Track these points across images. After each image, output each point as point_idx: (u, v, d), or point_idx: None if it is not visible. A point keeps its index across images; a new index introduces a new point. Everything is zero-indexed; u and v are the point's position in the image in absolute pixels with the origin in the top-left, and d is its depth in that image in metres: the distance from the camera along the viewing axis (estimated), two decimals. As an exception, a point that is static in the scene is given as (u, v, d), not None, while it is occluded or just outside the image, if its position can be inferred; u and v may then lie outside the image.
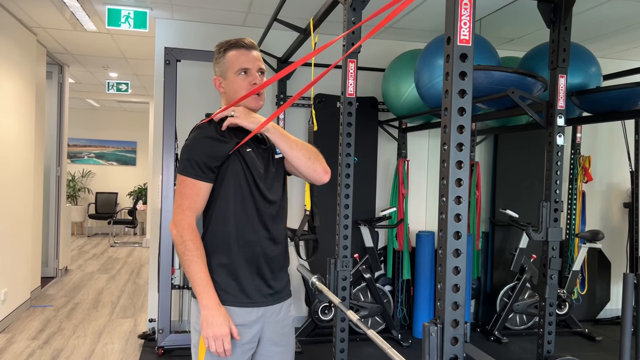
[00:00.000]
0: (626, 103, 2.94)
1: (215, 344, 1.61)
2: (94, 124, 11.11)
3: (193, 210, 1.66)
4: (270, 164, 1.80)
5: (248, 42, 1.79)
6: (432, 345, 1.14)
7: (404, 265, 4.52)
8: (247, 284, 1.71)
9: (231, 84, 1.77)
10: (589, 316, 4.90)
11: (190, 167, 1.66)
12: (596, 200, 5.12)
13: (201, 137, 1.69)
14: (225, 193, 1.70)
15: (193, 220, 1.66)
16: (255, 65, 1.77)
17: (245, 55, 1.76)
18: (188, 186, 1.66)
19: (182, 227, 1.64)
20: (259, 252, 1.72)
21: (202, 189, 1.67)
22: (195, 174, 1.66)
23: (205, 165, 1.66)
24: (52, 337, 4.26)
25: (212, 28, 4.42)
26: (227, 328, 1.61)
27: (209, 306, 1.62)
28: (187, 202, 1.66)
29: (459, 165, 1.17)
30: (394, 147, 4.76)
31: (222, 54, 1.79)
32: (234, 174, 1.69)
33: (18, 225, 4.73)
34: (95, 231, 10.97)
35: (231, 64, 1.76)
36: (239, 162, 1.70)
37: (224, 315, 1.62)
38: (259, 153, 1.78)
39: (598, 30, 4.18)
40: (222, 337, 1.60)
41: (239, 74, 1.75)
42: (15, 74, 4.58)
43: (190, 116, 4.29)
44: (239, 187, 1.70)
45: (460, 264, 1.16)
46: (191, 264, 1.62)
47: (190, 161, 1.66)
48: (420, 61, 3.42)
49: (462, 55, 1.16)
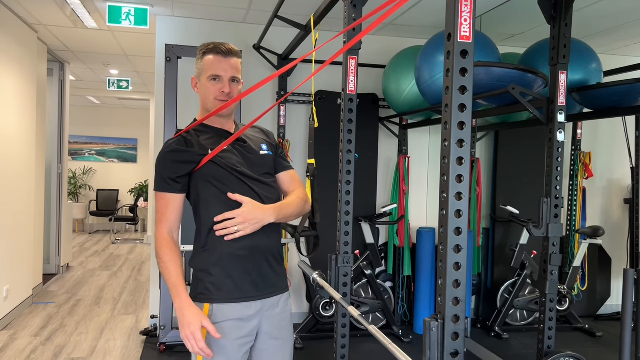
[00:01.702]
0: (627, 99, 2.94)
1: (189, 343, 1.62)
2: (95, 121, 11.11)
3: (163, 222, 1.74)
4: (253, 156, 1.83)
5: (226, 49, 1.78)
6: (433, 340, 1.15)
7: (404, 261, 4.53)
8: (242, 279, 1.73)
9: (203, 87, 1.81)
10: (590, 312, 4.91)
11: (158, 181, 1.75)
12: (597, 197, 5.12)
13: (164, 152, 1.77)
14: (206, 197, 1.75)
15: (165, 232, 1.73)
16: (228, 74, 1.78)
17: (220, 62, 1.77)
18: (159, 200, 1.76)
19: (156, 240, 1.74)
20: (250, 245, 1.73)
21: (170, 200, 1.74)
22: (161, 187, 1.74)
23: (169, 177, 1.73)
24: (54, 334, 4.27)
25: (213, 25, 4.42)
26: (195, 326, 1.61)
27: (180, 307, 1.65)
28: (158, 215, 1.75)
29: (459, 162, 1.17)
30: (394, 144, 4.76)
31: (201, 56, 1.82)
32: (208, 178, 1.74)
33: (19, 222, 4.74)
34: (96, 228, 10.98)
35: (205, 69, 1.79)
36: (211, 166, 1.75)
37: (193, 314, 1.63)
38: (236, 149, 1.81)
39: (599, 27, 4.17)
40: (192, 335, 1.60)
41: (210, 80, 1.78)
42: (16, 71, 4.59)
43: (191, 113, 4.29)
44: (217, 184, 1.74)
45: (461, 260, 1.16)
46: (164, 271, 1.69)
47: (157, 176, 1.76)
48: (420, 58, 3.42)
49: (463, 51, 1.17)
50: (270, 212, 1.74)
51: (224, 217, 1.70)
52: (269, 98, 4.50)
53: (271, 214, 1.74)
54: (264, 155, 1.86)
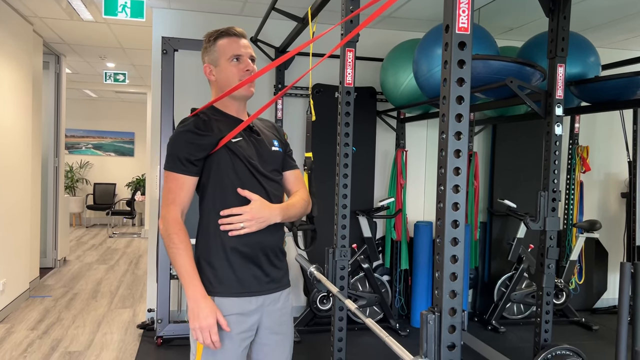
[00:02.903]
0: (625, 92, 2.93)
1: (202, 335, 1.61)
2: (92, 114, 11.07)
3: (177, 204, 1.67)
4: (265, 151, 1.81)
5: (238, 30, 1.80)
6: (429, 333, 1.14)
7: (402, 255, 4.53)
8: (245, 274, 1.71)
9: (223, 71, 1.78)
10: (586, 305, 4.92)
11: (172, 161, 1.69)
12: (594, 190, 5.12)
13: (182, 132, 1.71)
14: (215, 185, 1.71)
15: (178, 214, 1.67)
16: (247, 53, 1.79)
17: (236, 42, 1.78)
18: (171, 180, 1.69)
19: (166, 221, 1.66)
20: (254, 241, 1.72)
21: (185, 182, 1.68)
22: (176, 167, 1.68)
23: (186, 159, 1.67)
24: (51, 327, 4.27)
25: (209, 17, 4.39)
26: (212, 319, 1.61)
27: (194, 298, 1.62)
28: (171, 196, 1.68)
29: (457, 154, 1.16)
30: (392, 138, 4.75)
31: (213, 42, 1.80)
32: (223, 164, 1.71)
33: (16, 216, 4.73)
34: (93, 222, 10.96)
35: (223, 52, 1.77)
36: (226, 151, 1.71)
37: (209, 307, 1.62)
38: (251, 141, 1.79)
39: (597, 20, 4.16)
40: (208, 329, 1.60)
41: (231, 61, 1.76)
42: (11, 64, 4.56)
43: (188, 106, 4.24)
44: (230, 174, 1.71)
45: (458, 253, 1.16)
46: (176, 257, 1.63)
47: (172, 156, 1.69)
48: (418, 51, 3.40)
49: (461, 43, 1.16)
50: (277, 212, 1.73)
51: (231, 212, 1.68)
52: (266, 91, 4.48)
53: (278, 213, 1.73)
54: (275, 151, 1.85)
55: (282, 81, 4.41)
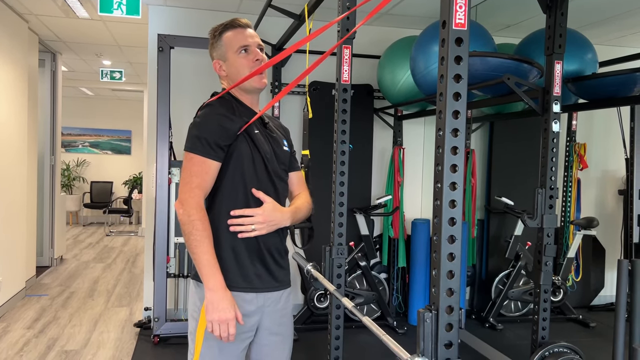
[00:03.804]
0: (622, 89, 2.93)
1: (220, 328, 1.57)
2: (88, 112, 11.03)
3: (202, 188, 1.61)
4: (278, 150, 1.79)
5: (243, 21, 1.78)
6: (426, 331, 1.13)
7: (399, 252, 4.53)
8: (249, 270, 1.69)
9: (233, 64, 1.74)
10: (583, 303, 4.93)
11: (200, 144, 1.61)
12: (591, 188, 5.13)
13: (213, 114, 1.65)
14: (232, 175, 1.67)
15: (201, 200, 1.60)
16: (255, 42, 1.76)
17: (242, 33, 1.75)
18: (197, 164, 1.61)
19: (189, 206, 1.58)
20: (261, 239, 1.70)
21: (211, 167, 1.62)
22: (205, 151, 1.61)
23: (216, 143, 1.61)
24: (48, 326, 4.25)
25: (205, 14, 4.37)
26: (233, 312, 1.58)
27: (215, 289, 1.58)
28: (196, 180, 1.60)
29: (454, 151, 1.15)
30: (389, 135, 4.74)
31: (219, 36, 1.77)
32: (243, 155, 1.67)
33: (12, 214, 4.71)
34: (90, 220, 10.94)
35: (230, 45, 1.74)
36: (247, 142, 1.68)
37: (229, 299, 1.59)
38: (266, 136, 1.77)
39: (594, 17, 4.15)
40: (227, 322, 1.57)
41: (240, 53, 1.73)
42: (7, 62, 4.53)
43: (184, 104, 4.25)
44: (248, 167, 1.68)
45: (455, 250, 1.15)
46: (198, 245, 1.56)
47: (200, 139, 1.61)
48: (415, 48, 3.39)
49: (458, 39, 1.14)
50: (288, 215, 1.72)
51: (243, 212, 1.64)
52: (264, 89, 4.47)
53: (288, 217, 1.72)
54: (285, 151, 1.83)
55: (279, 78, 4.39)
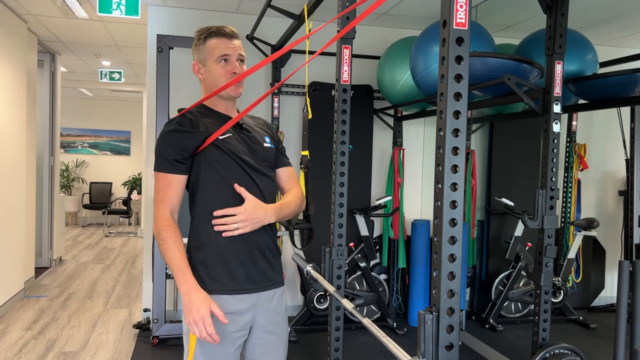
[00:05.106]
0: (622, 90, 2.92)
1: (197, 329, 1.58)
2: (88, 113, 11.02)
3: (165, 202, 1.68)
4: (256, 147, 1.80)
5: (229, 30, 1.78)
6: (427, 333, 1.12)
7: (399, 253, 4.52)
8: (238, 271, 1.70)
9: (211, 71, 1.76)
10: (584, 304, 4.92)
11: (159, 161, 1.69)
12: (591, 188, 5.12)
13: (167, 131, 1.71)
14: (206, 182, 1.71)
15: (167, 212, 1.68)
16: (236, 53, 1.76)
17: (225, 43, 1.75)
18: (160, 180, 1.70)
19: (156, 219, 1.67)
20: (247, 238, 1.71)
21: (172, 181, 1.69)
22: (164, 167, 1.69)
23: (174, 158, 1.68)
24: (47, 328, 4.24)
25: (205, 15, 4.36)
26: (205, 310, 1.58)
27: (186, 292, 1.61)
28: (159, 195, 1.69)
29: (454, 152, 1.14)
30: (389, 136, 4.74)
31: (203, 41, 1.78)
32: (211, 160, 1.70)
33: (10, 215, 4.69)
34: (89, 221, 10.92)
35: (211, 52, 1.75)
36: (214, 150, 1.71)
37: (202, 298, 1.60)
38: (241, 137, 1.78)
39: (595, 17, 4.15)
40: (201, 320, 1.57)
41: (219, 62, 1.75)
42: (6, 62, 4.52)
43: (183, 104, 4.22)
44: (221, 169, 1.70)
45: (456, 252, 1.14)
46: (167, 253, 1.64)
47: (159, 156, 1.70)
48: (415, 48, 3.39)
49: (459, 39, 1.14)
50: (271, 212, 1.72)
51: (225, 212, 1.67)
52: (262, 89, 4.46)
53: (272, 214, 1.72)
54: (267, 147, 1.84)
55: (279, 79, 4.39)
